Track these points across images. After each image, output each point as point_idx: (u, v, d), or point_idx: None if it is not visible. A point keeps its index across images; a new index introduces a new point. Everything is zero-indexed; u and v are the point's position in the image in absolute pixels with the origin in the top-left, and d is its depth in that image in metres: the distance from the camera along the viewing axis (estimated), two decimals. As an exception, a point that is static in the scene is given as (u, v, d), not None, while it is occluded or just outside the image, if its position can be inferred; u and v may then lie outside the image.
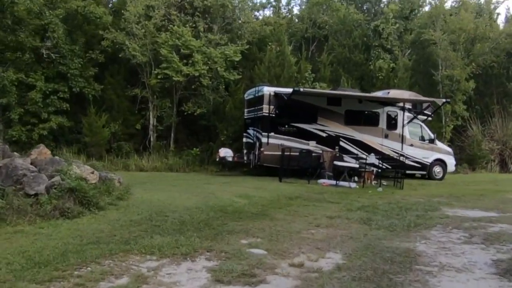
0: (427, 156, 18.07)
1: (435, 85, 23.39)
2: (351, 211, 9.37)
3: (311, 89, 19.27)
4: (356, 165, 15.63)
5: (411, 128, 17.97)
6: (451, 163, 18.66)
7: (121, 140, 20.46)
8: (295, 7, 37.13)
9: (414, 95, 18.80)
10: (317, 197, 11.48)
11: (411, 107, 18.20)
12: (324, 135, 16.81)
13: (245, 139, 18.18)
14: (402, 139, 17.59)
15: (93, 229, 6.92)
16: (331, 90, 19.08)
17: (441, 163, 18.33)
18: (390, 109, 17.65)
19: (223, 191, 11.79)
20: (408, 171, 16.97)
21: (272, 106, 16.28)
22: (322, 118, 16.80)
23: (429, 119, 19.12)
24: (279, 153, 15.57)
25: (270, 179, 15.12)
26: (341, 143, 16.88)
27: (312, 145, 16.47)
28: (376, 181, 15.23)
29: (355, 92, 18.60)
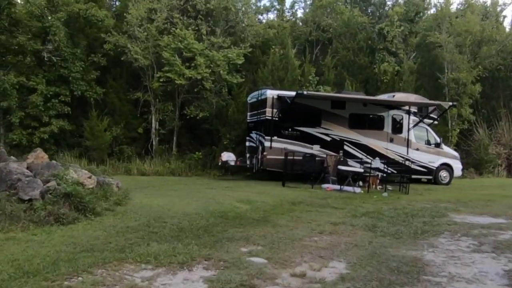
0: (433, 161, 17.84)
1: (440, 89, 23.22)
2: (355, 217, 9.21)
3: (314, 92, 19.07)
4: (361, 170, 15.48)
5: (416, 132, 17.74)
6: (457, 167, 18.40)
7: (123, 144, 20.26)
8: (299, 10, 37.13)
9: (419, 98, 18.57)
10: (321, 202, 11.34)
11: (416, 110, 17.98)
12: (328, 139, 16.62)
13: (248, 143, 18.05)
14: (407, 143, 17.38)
15: (88, 236, 6.74)
16: (335, 93, 18.88)
17: (447, 167, 18.09)
18: (396, 112, 17.46)
19: (224, 196, 11.65)
20: (413, 176, 16.78)
21: (275, 110, 16.12)
22: (326, 121, 16.63)
23: (435, 122, 18.86)
24: (282, 157, 15.47)
25: (273, 183, 15.02)
26: (345, 147, 16.69)
27: (316, 149, 16.30)
28: (381, 186, 15.12)
29: (360, 95, 18.36)
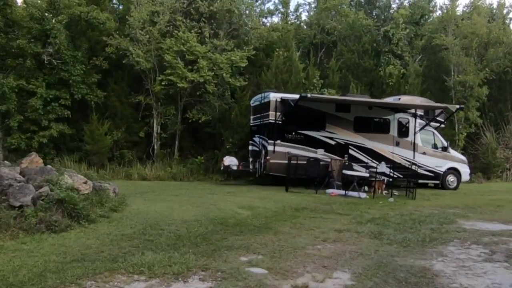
0: (440, 165, 17.52)
1: (447, 91, 22.92)
2: (360, 224, 8.88)
3: (319, 95, 18.77)
4: (366, 174, 15.22)
5: (423, 135, 17.47)
6: (465, 172, 18.07)
7: (124, 148, 20.04)
8: (304, 13, 36.85)
9: (426, 101, 18.26)
10: (325, 208, 11.01)
11: (423, 113, 17.65)
12: (333, 142, 16.37)
13: (251, 147, 17.81)
14: (414, 147, 17.11)
15: (80, 245, 6.44)
16: (340, 96, 18.59)
17: (455, 172, 17.77)
18: (401, 115, 17.19)
19: (225, 202, 11.36)
20: (420, 181, 16.35)
21: (278, 113, 15.86)
22: (331, 125, 16.38)
23: (442, 126, 18.53)
24: (285, 161, 15.19)
25: (276, 188, 14.73)
26: (350, 151, 16.43)
27: (320, 153, 16.03)
28: (387, 191, 14.86)
29: (365, 98, 18.04)
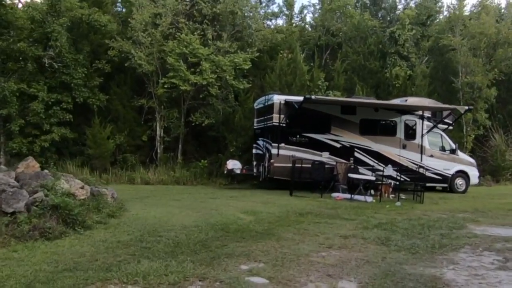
0: (448, 168, 17.16)
1: (455, 93, 22.56)
2: (367, 229, 8.57)
3: (323, 96, 18.48)
4: (373, 178, 14.93)
5: (430, 137, 17.12)
6: (474, 175, 17.70)
7: (127, 152, 19.83)
8: (308, 14, 36.57)
9: (433, 102, 17.94)
10: (330, 212, 10.71)
11: (430, 115, 17.30)
12: (338, 145, 16.09)
13: (254, 150, 17.57)
14: (421, 149, 16.80)
15: (73, 252, 6.18)
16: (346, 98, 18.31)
17: (463, 175, 17.40)
18: (408, 117, 16.86)
19: (228, 207, 11.10)
20: (428, 184, 16.04)
21: (282, 115, 15.62)
22: (336, 127, 16.10)
23: (450, 128, 18.15)
24: (290, 165, 14.93)
25: (280, 192, 14.49)
26: (356, 154, 16.14)
27: (325, 157, 15.77)
28: (394, 195, 14.58)
29: (371, 99, 17.72)
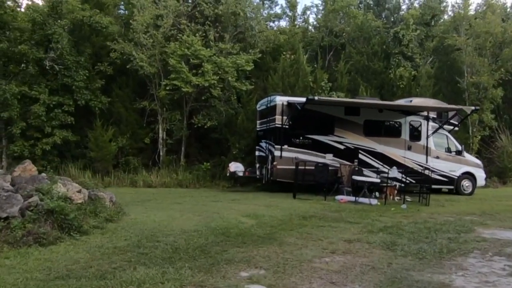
0: (454, 169, 16.90)
1: (460, 93, 22.33)
2: (372, 233, 8.33)
3: (326, 97, 18.26)
4: (377, 180, 14.72)
5: (436, 139, 16.86)
6: (480, 176, 17.42)
7: (129, 154, 19.69)
8: (311, 15, 36.36)
9: (438, 103, 17.65)
10: (334, 216, 10.46)
11: (436, 116, 17.02)
12: (342, 147, 15.87)
13: (257, 153, 17.38)
14: (426, 151, 16.54)
15: (67, 259, 5.96)
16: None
17: (470, 176, 17.13)
18: (413, 118, 16.62)
19: (230, 210, 10.88)
20: (434, 186, 15.72)
21: (285, 117, 15.43)
22: (340, 129, 15.87)
23: (456, 129, 17.87)
24: (293, 167, 14.70)
25: (283, 195, 14.25)
26: (360, 155, 15.91)
27: (329, 158, 15.56)
28: (399, 197, 14.35)
29: (375, 100, 17.48)
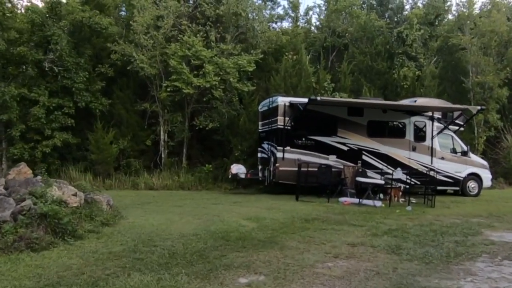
0: (460, 170, 16.61)
1: (465, 93, 22.03)
2: (376, 236, 8.08)
3: (329, 98, 18.02)
4: (381, 181, 14.44)
5: (441, 139, 16.59)
6: (486, 177, 17.11)
7: (130, 157, 19.48)
8: (314, 15, 36.13)
9: (443, 103, 17.38)
10: (337, 218, 10.22)
11: (440, 116, 16.75)
12: (345, 148, 15.62)
13: (259, 154, 17.14)
14: (431, 151, 16.27)
15: (59, 265, 5.75)
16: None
17: (475, 177, 16.82)
18: (418, 119, 16.35)
19: (231, 213, 10.66)
20: (439, 187, 15.42)
21: (287, 118, 15.19)
22: (343, 130, 15.63)
23: (461, 129, 17.58)
24: (295, 168, 14.44)
25: (286, 197, 14.02)
26: (364, 157, 15.66)
27: (332, 160, 15.31)
28: (404, 199, 14.12)
29: (379, 100, 17.23)
